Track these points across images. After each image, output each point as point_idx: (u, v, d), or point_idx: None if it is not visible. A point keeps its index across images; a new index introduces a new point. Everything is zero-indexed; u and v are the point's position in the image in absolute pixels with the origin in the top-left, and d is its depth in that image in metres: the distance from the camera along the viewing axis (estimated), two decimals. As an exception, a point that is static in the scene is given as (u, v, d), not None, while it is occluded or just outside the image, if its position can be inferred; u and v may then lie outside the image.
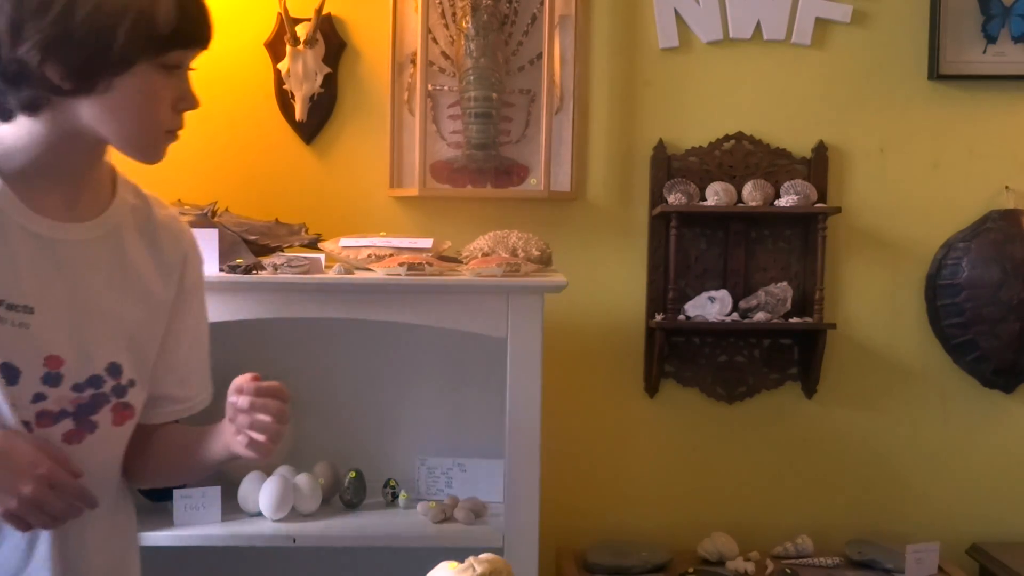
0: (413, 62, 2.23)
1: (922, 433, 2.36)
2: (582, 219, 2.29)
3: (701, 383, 2.34)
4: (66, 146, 1.16)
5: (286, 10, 2.17)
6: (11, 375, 1.14)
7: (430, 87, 2.23)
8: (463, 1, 2.22)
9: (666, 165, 2.28)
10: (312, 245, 2.02)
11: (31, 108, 1.12)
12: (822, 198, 2.27)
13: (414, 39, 2.21)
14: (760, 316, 2.22)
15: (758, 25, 2.28)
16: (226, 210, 2.04)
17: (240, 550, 1.98)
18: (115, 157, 1.21)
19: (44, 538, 1.19)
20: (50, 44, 1.07)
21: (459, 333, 1.90)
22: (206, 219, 1.91)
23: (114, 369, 1.22)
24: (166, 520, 1.88)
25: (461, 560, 1.12)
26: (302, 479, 1.95)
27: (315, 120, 2.24)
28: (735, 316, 2.24)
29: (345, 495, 1.99)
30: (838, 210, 2.24)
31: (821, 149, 2.29)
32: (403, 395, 2.18)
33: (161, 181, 2.18)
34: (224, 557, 2.08)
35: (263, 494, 1.92)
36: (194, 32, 1.14)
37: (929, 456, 2.36)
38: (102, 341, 1.21)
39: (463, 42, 2.22)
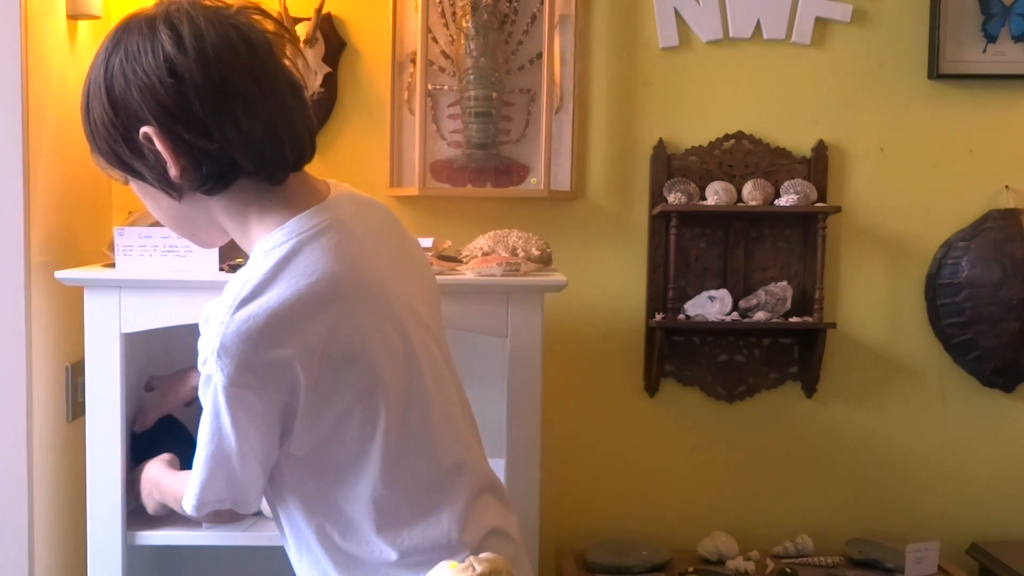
0: (413, 61, 2.23)
1: (922, 432, 2.36)
2: (582, 218, 2.29)
3: (701, 382, 2.34)
4: None
5: (286, 9, 2.17)
6: None
7: (430, 86, 2.23)
8: (463, 0, 2.22)
9: (666, 164, 2.28)
10: (312, 244, 2.01)
11: None
12: (822, 197, 2.27)
13: (414, 38, 2.21)
14: (760, 315, 2.22)
15: (758, 24, 2.28)
16: (226, 209, 2.04)
17: (240, 550, 1.98)
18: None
19: None
20: None
21: (459, 332, 1.89)
22: (206, 218, 1.91)
23: None
24: (165, 519, 1.87)
25: (461, 560, 1.12)
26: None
27: (315, 119, 2.23)
28: (735, 315, 2.24)
29: (345, 494, 1.98)
30: (838, 209, 2.24)
31: (821, 148, 2.29)
32: (403, 394, 2.17)
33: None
34: (224, 557, 2.08)
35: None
36: None
37: (929, 455, 2.36)
38: None
39: (463, 41, 2.22)
